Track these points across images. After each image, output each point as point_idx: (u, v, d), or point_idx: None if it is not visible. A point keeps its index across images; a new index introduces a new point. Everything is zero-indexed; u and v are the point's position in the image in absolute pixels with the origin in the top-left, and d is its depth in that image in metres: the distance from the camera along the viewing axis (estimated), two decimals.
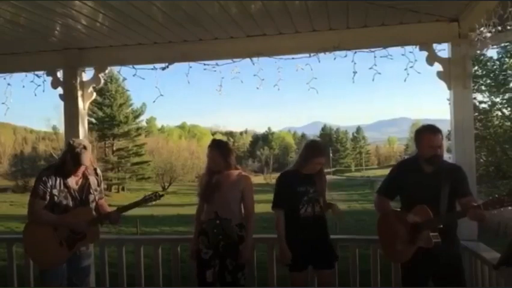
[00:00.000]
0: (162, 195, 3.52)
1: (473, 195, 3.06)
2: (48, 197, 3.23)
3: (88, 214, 3.32)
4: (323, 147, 3.60)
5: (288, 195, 3.36)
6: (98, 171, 3.52)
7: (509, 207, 2.43)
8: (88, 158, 3.30)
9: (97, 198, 3.43)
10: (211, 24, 3.59)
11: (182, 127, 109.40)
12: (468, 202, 2.82)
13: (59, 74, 4.27)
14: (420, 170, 3.02)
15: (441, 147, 2.96)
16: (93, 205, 3.40)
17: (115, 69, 4.71)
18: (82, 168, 3.32)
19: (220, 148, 3.45)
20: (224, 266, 3.32)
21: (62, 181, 3.27)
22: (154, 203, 3.54)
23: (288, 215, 3.37)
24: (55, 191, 3.24)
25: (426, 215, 2.84)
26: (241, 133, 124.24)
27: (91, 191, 3.38)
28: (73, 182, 3.33)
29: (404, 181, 3.12)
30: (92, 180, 3.40)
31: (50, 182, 3.23)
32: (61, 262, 3.29)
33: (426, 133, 3.01)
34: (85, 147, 3.25)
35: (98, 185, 3.46)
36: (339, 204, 3.59)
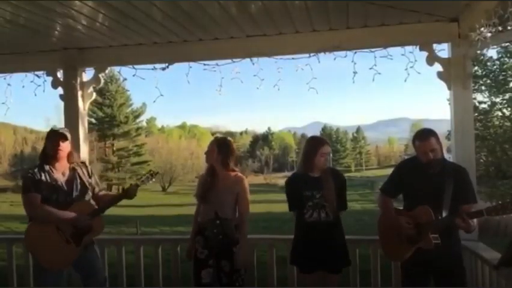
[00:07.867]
0: (157, 173, 3.52)
1: (475, 198, 3.03)
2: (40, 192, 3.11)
3: (87, 208, 3.23)
4: (323, 138, 3.53)
5: (295, 199, 3.33)
6: (87, 163, 3.42)
7: None
8: (66, 133, 3.22)
9: (95, 190, 3.37)
10: (211, 24, 3.59)
11: (182, 127, 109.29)
12: (464, 209, 2.81)
13: (59, 74, 4.27)
14: (423, 169, 3.01)
15: (434, 150, 2.93)
16: (88, 197, 3.30)
17: (115, 69, 4.72)
18: (65, 152, 3.21)
19: (220, 146, 3.42)
20: (219, 267, 3.31)
21: (48, 175, 3.16)
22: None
23: (297, 217, 3.36)
24: (43, 186, 3.12)
25: (428, 216, 2.84)
26: (241, 133, 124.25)
27: (85, 182, 3.29)
28: (59, 174, 3.22)
29: (407, 180, 3.12)
30: (81, 171, 3.31)
31: (37, 178, 3.12)
32: (72, 261, 3.22)
33: (416, 141, 3.01)
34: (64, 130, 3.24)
35: (90, 177, 3.36)
36: None
